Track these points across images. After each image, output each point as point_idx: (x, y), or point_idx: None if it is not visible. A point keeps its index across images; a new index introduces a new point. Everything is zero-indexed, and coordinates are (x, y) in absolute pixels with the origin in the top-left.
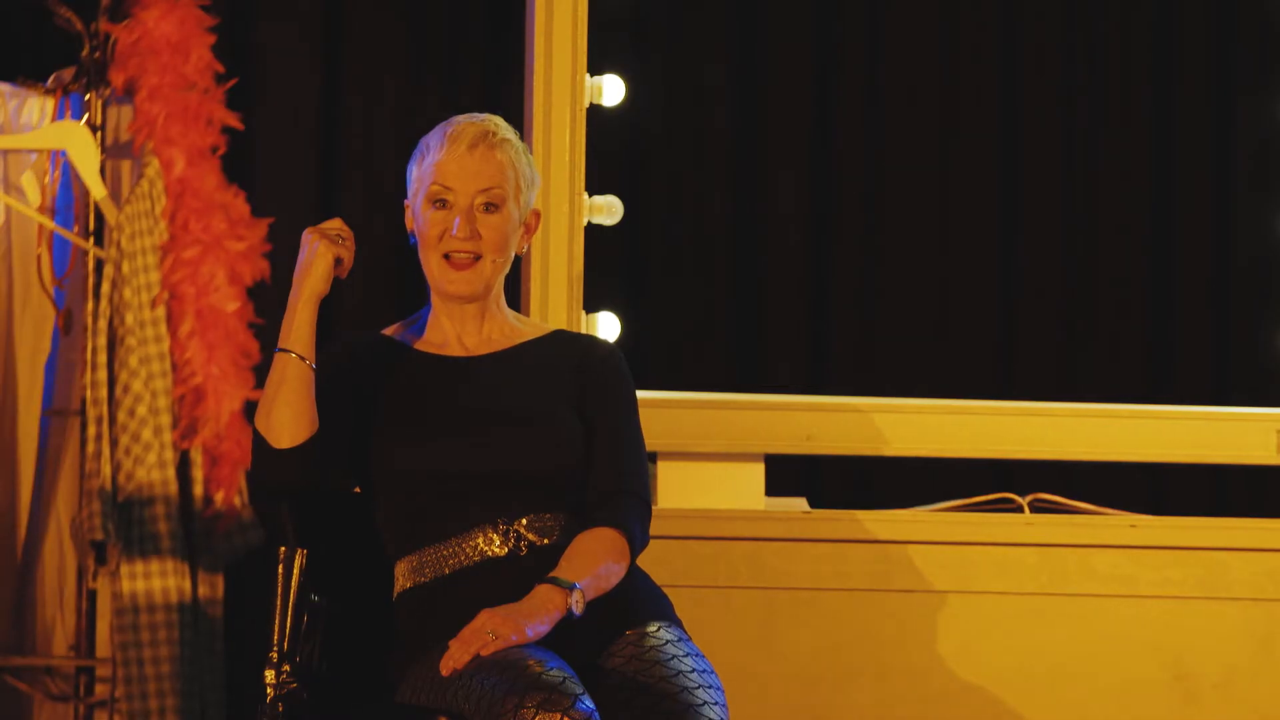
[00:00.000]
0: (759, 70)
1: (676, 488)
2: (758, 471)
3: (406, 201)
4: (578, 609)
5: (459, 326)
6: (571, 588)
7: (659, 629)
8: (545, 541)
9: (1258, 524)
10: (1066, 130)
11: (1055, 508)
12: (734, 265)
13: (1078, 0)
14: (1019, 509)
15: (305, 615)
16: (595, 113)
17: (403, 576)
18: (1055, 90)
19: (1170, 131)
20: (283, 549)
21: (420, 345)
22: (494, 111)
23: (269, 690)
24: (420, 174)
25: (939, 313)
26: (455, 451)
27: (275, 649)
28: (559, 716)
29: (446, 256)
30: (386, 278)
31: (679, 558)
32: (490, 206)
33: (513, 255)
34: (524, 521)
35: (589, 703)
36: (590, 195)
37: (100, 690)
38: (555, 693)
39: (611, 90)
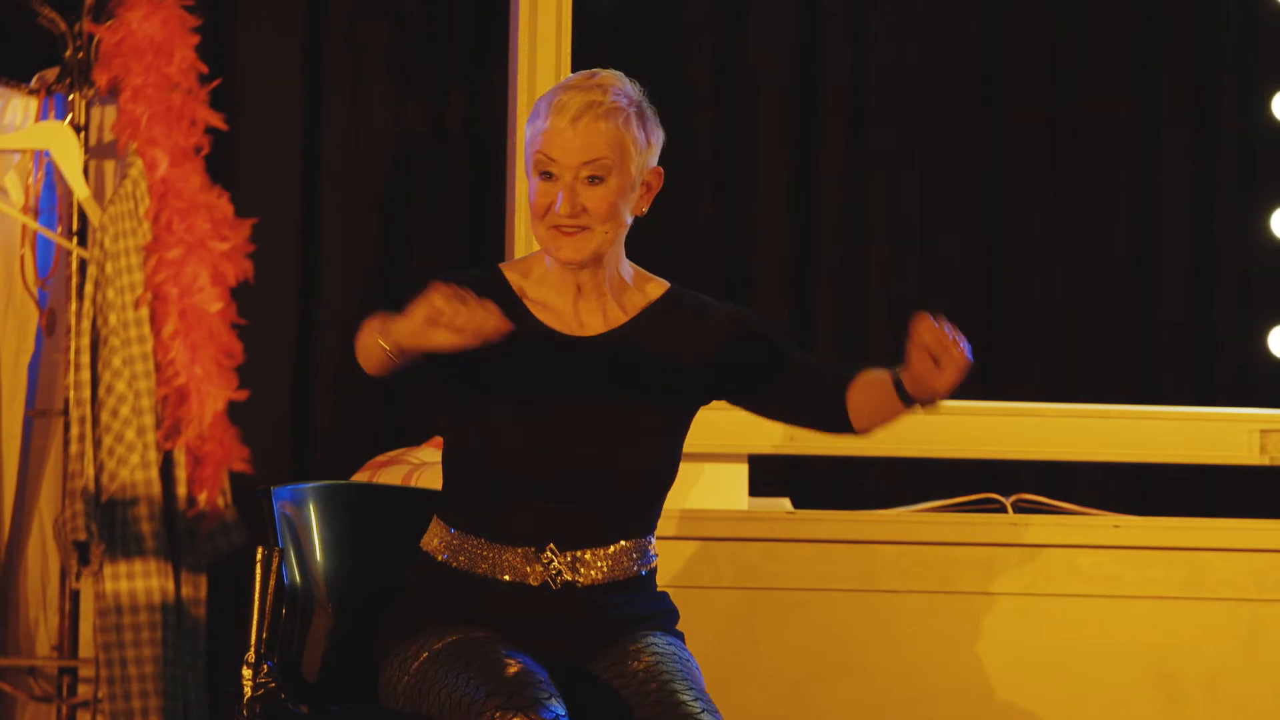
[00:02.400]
0: (744, 70)
1: None
2: (741, 472)
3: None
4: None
5: (573, 291)
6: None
7: (661, 640)
8: (581, 582)
9: (1241, 524)
10: (1052, 129)
11: (1039, 508)
12: (719, 265)
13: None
14: (1003, 509)
15: (283, 614)
16: None
17: (439, 540)
18: (1040, 89)
19: (1155, 130)
20: (260, 549)
21: (534, 305)
22: (477, 110)
23: (246, 690)
24: (530, 139)
25: (923, 310)
26: (532, 457)
27: (253, 649)
28: (522, 718)
29: (552, 227)
30: (372, 281)
31: (662, 558)
32: (595, 179)
33: (628, 219)
34: (569, 557)
35: (556, 708)
36: None
37: (83, 691)
38: (521, 696)
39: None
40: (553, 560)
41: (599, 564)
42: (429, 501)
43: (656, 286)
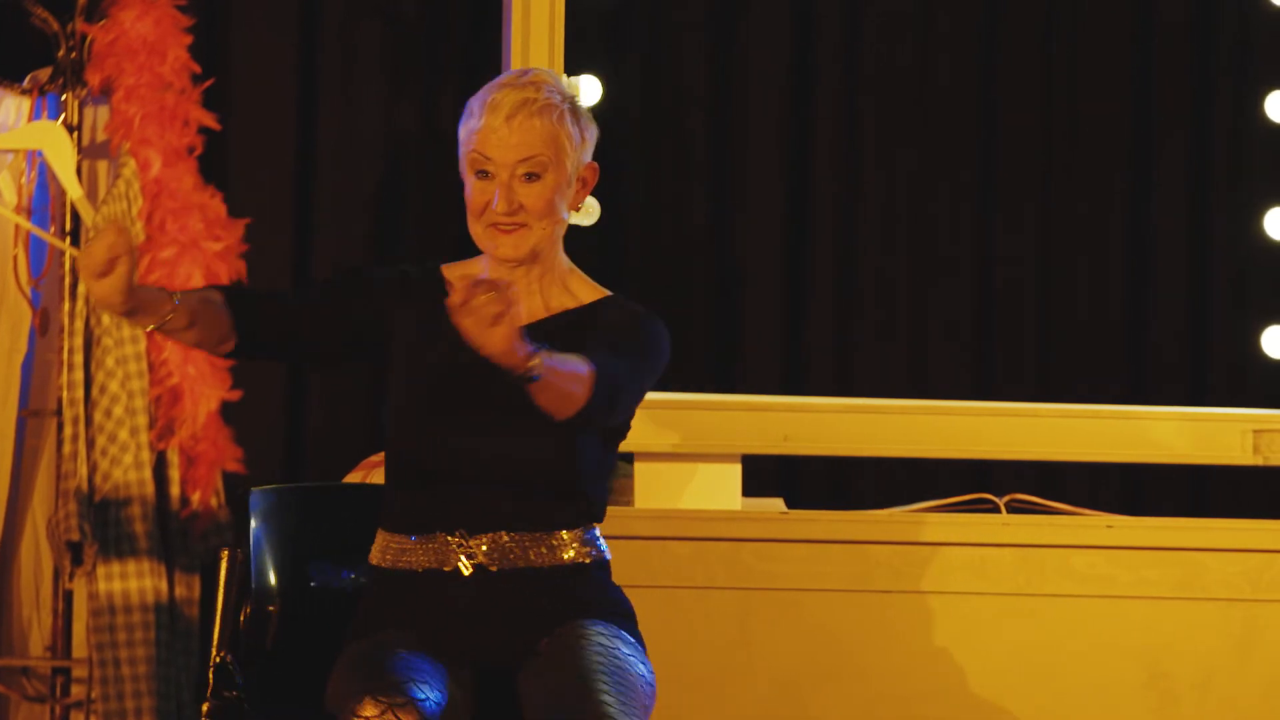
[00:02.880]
0: (737, 71)
1: (653, 488)
2: (734, 472)
3: (460, 156)
4: (540, 367)
5: None
6: (539, 348)
7: (597, 629)
8: (500, 568)
9: (1234, 524)
10: (1044, 129)
11: (1032, 508)
12: (711, 266)
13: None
14: (996, 509)
15: (244, 616)
16: None
17: (378, 547)
18: (1034, 90)
19: (1149, 131)
20: (225, 551)
21: None
22: None
23: (208, 693)
24: (464, 138)
25: (916, 313)
26: (435, 445)
27: (215, 648)
28: (384, 707)
29: (489, 225)
30: None
31: (656, 558)
32: (531, 176)
33: (565, 215)
34: (483, 540)
35: (421, 693)
36: None
37: (76, 691)
38: (389, 687)
39: (588, 91)
40: (464, 544)
41: (515, 551)
42: None
43: (591, 293)
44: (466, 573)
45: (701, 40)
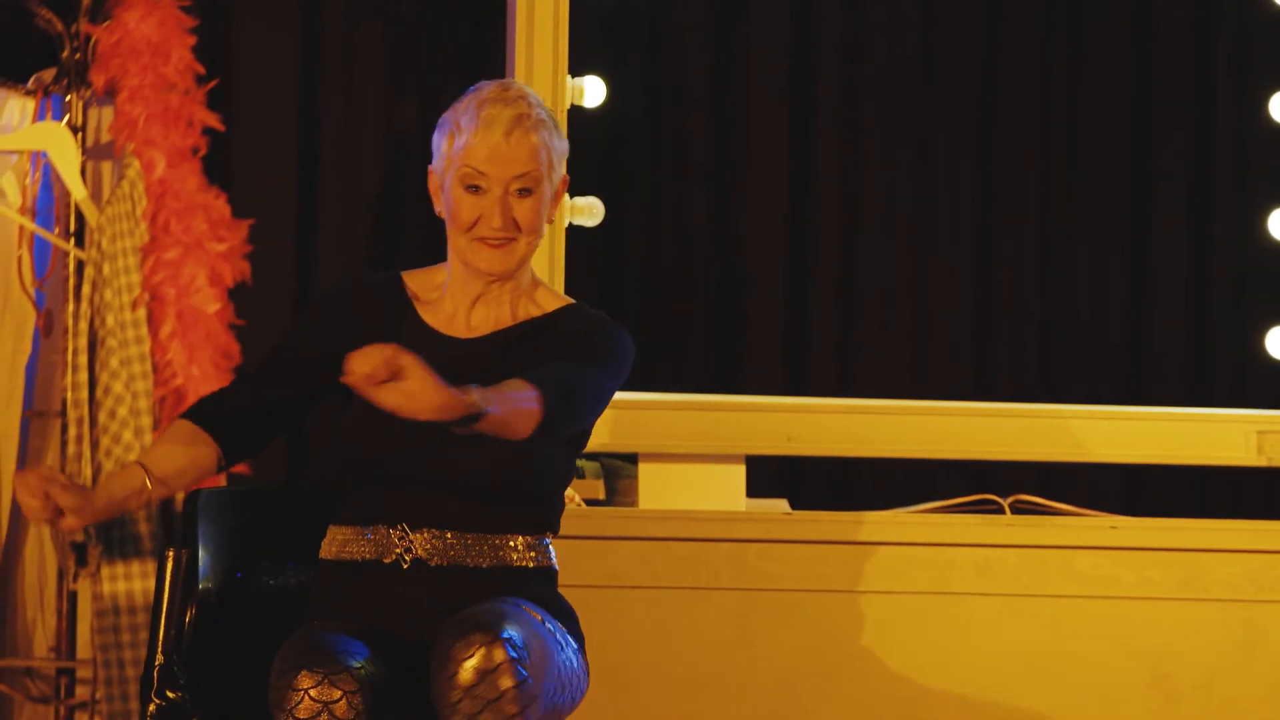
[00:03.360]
0: (739, 72)
1: (656, 489)
2: (738, 473)
3: (432, 169)
4: (480, 404)
5: (470, 298)
6: (468, 389)
7: (531, 605)
8: (433, 562)
9: (1238, 525)
10: (1046, 130)
11: (1036, 509)
12: (714, 266)
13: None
14: (999, 510)
15: (190, 617)
16: (576, 114)
17: (327, 540)
18: (1035, 91)
19: (1151, 131)
20: (170, 551)
21: (425, 310)
22: None
23: (150, 697)
24: (451, 153)
25: (919, 314)
26: (397, 449)
27: (160, 649)
28: (320, 676)
29: (481, 240)
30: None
31: (659, 559)
32: (525, 191)
33: (545, 229)
34: (424, 534)
35: (358, 662)
36: (571, 196)
37: (81, 692)
38: (323, 658)
39: (592, 91)
40: (405, 535)
41: (456, 548)
42: None
43: (555, 301)
44: (406, 565)
45: (704, 41)
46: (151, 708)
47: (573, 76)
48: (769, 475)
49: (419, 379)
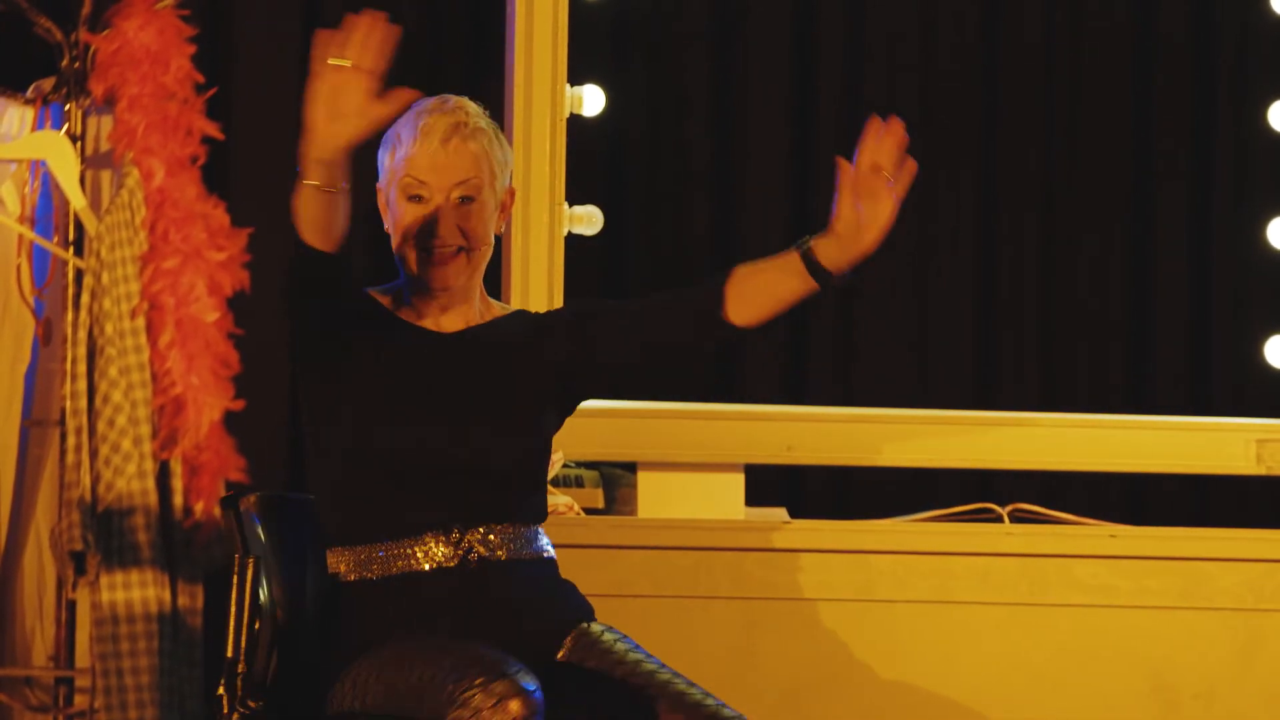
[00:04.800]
0: (739, 80)
1: (656, 498)
2: (738, 482)
3: (379, 186)
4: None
5: (436, 307)
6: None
7: (599, 628)
8: (497, 555)
9: (1238, 534)
10: (1047, 139)
11: (1035, 518)
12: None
13: (1056, 8)
14: (999, 519)
15: (258, 624)
16: (575, 123)
17: (346, 567)
18: (1036, 98)
19: (1151, 140)
20: (237, 557)
21: (402, 312)
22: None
23: (224, 703)
24: (393, 165)
25: (919, 323)
26: (429, 439)
27: (233, 657)
28: (506, 684)
29: (426, 250)
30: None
31: (659, 568)
32: (466, 199)
33: (493, 240)
34: (478, 533)
35: (531, 682)
36: (570, 205)
37: (80, 701)
38: (499, 667)
39: (592, 100)
40: (461, 536)
41: (500, 540)
42: None
43: (503, 308)
44: (472, 565)
45: (703, 50)
46: (235, 717)
47: (572, 85)
48: (768, 484)
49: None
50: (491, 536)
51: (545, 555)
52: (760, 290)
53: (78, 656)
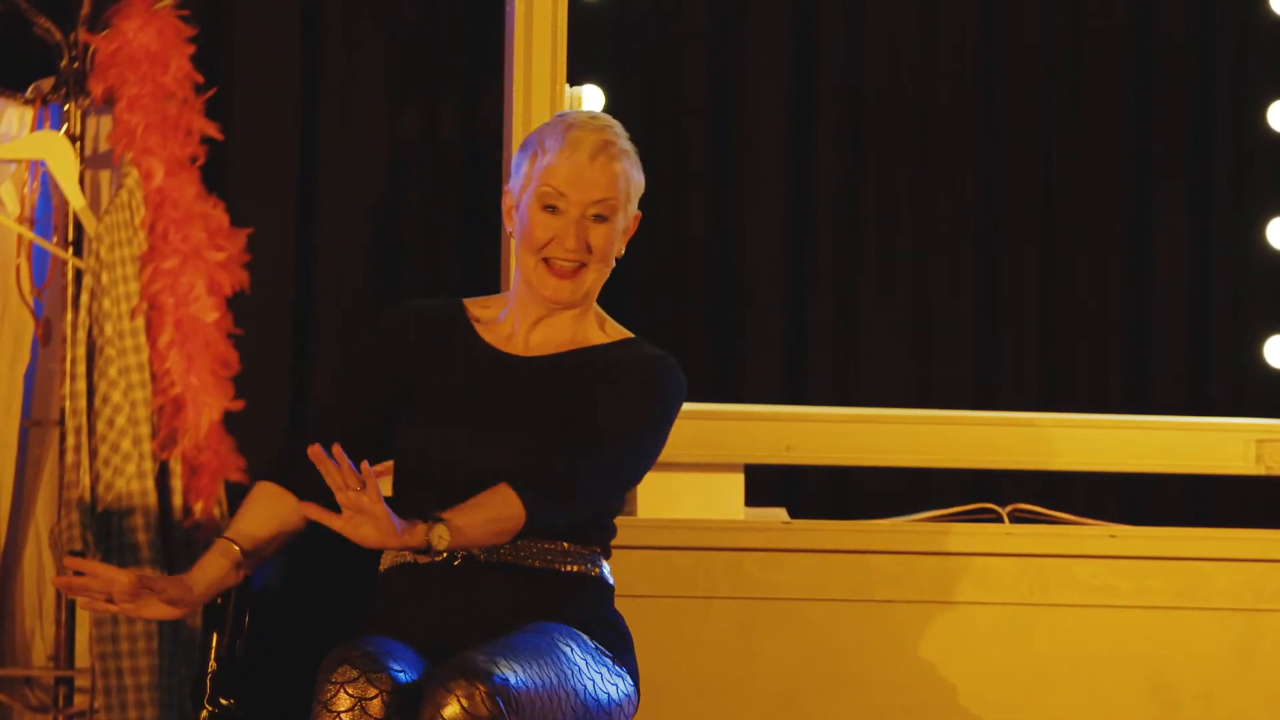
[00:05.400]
0: (739, 80)
1: (655, 498)
2: (737, 482)
3: (509, 188)
4: (438, 543)
5: (535, 321)
6: (436, 521)
7: (546, 626)
8: (482, 558)
9: (1237, 534)
10: (1047, 139)
11: (1035, 518)
12: (713, 275)
13: (1056, 8)
14: (999, 519)
15: (246, 624)
16: None
17: (384, 554)
18: (1036, 103)
19: (1150, 140)
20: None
21: (485, 331)
22: (472, 122)
23: (204, 704)
24: (532, 172)
25: (918, 323)
26: (456, 447)
27: (213, 654)
28: (357, 674)
29: (546, 261)
30: (371, 288)
31: (658, 568)
32: (600, 218)
33: (613, 262)
34: None
35: (395, 664)
36: None
37: (79, 701)
38: (364, 657)
39: (591, 100)
40: None
41: (505, 548)
42: None
43: (616, 333)
44: (457, 561)
45: (702, 50)
46: (204, 714)
47: (571, 85)
48: (768, 484)
49: (376, 520)
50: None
51: (561, 570)
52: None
53: (77, 656)
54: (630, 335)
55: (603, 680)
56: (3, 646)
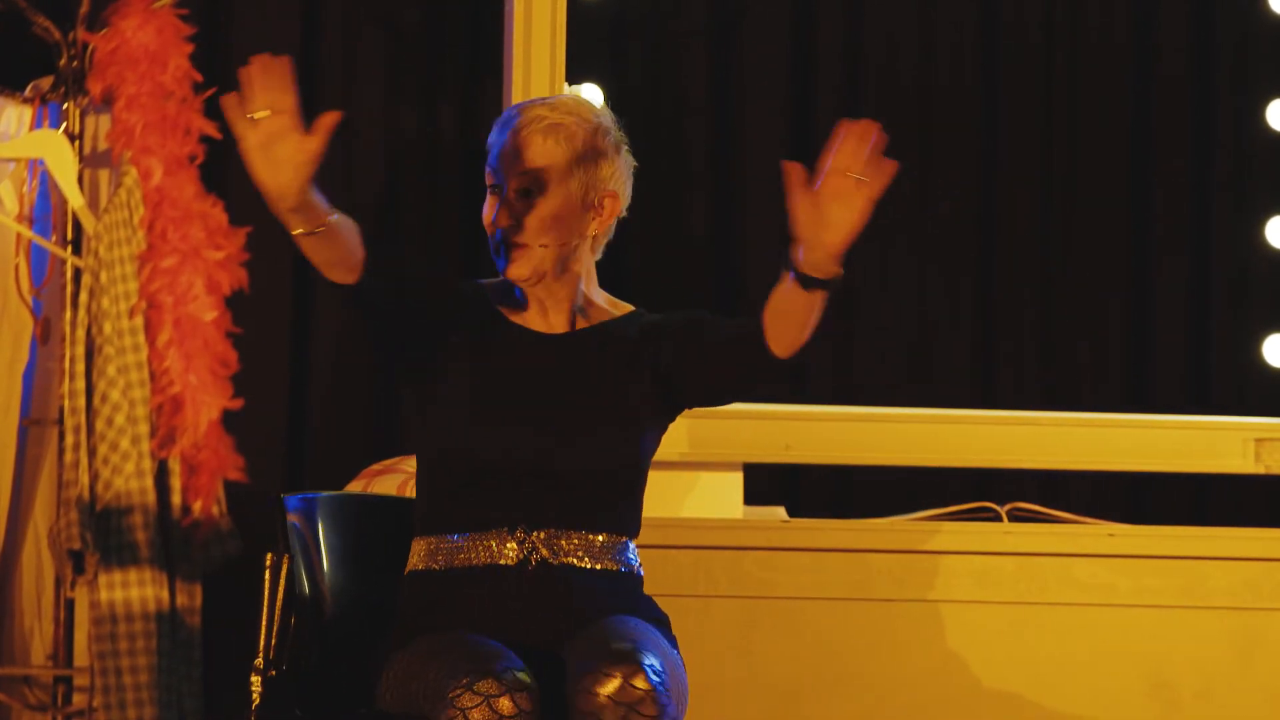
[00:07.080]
0: (738, 79)
1: (655, 497)
2: (736, 480)
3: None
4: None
5: (538, 304)
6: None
7: (629, 619)
8: (558, 561)
9: (1236, 533)
10: (1047, 138)
11: (1034, 516)
12: (713, 274)
13: (1056, 8)
14: (997, 518)
15: (292, 620)
16: None
17: (417, 555)
18: (1035, 100)
19: (1149, 138)
20: (270, 555)
21: (505, 309)
22: (472, 119)
23: (255, 697)
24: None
25: (917, 322)
26: (507, 441)
27: (261, 656)
28: (490, 683)
29: (489, 241)
30: None
31: (658, 567)
32: (525, 192)
33: (575, 238)
34: (543, 535)
35: (520, 675)
36: None
37: (78, 700)
38: (488, 665)
39: (590, 99)
40: (525, 538)
41: (570, 545)
42: None
43: (619, 308)
44: (531, 566)
45: (702, 49)
46: (255, 703)
47: (570, 84)
48: (767, 483)
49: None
50: (562, 541)
51: (621, 569)
52: (781, 315)
53: (76, 655)
54: (632, 308)
55: (681, 660)
56: (1, 645)
